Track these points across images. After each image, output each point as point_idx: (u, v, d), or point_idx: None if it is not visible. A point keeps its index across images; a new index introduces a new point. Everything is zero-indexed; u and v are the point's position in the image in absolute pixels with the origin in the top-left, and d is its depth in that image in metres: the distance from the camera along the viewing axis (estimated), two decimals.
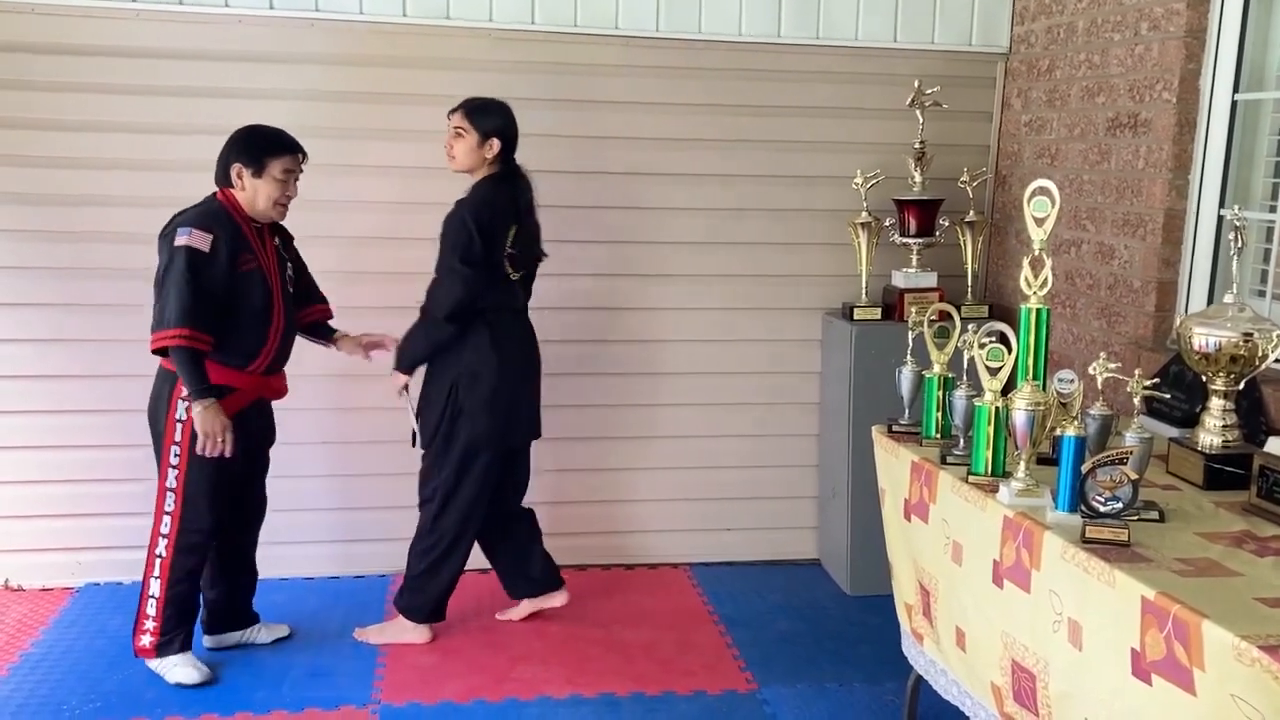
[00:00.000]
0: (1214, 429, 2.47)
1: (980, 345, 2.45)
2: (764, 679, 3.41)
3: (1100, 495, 2.08)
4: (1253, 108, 3.16)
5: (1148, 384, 2.42)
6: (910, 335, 2.90)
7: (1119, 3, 3.50)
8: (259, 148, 3.17)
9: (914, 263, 4.06)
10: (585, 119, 4.01)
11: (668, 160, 4.10)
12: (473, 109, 3.38)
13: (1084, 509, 2.10)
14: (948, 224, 4.10)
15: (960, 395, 2.58)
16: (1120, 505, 2.07)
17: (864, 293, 4.05)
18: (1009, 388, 2.39)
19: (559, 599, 3.75)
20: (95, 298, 3.80)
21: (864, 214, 4.00)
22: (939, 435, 2.77)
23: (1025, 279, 2.36)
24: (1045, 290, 2.36)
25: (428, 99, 3.79)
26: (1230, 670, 1.64)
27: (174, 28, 3.74)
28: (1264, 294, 3.09)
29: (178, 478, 3.16)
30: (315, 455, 4.01)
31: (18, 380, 3.83)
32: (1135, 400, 2.41)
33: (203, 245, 3.05)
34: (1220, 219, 3.19)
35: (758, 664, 3.51)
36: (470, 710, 3.19)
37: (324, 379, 3.85)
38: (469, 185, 3.41)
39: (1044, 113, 3.96)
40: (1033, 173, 3.89)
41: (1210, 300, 3.20)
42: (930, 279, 4.04)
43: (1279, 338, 2.38)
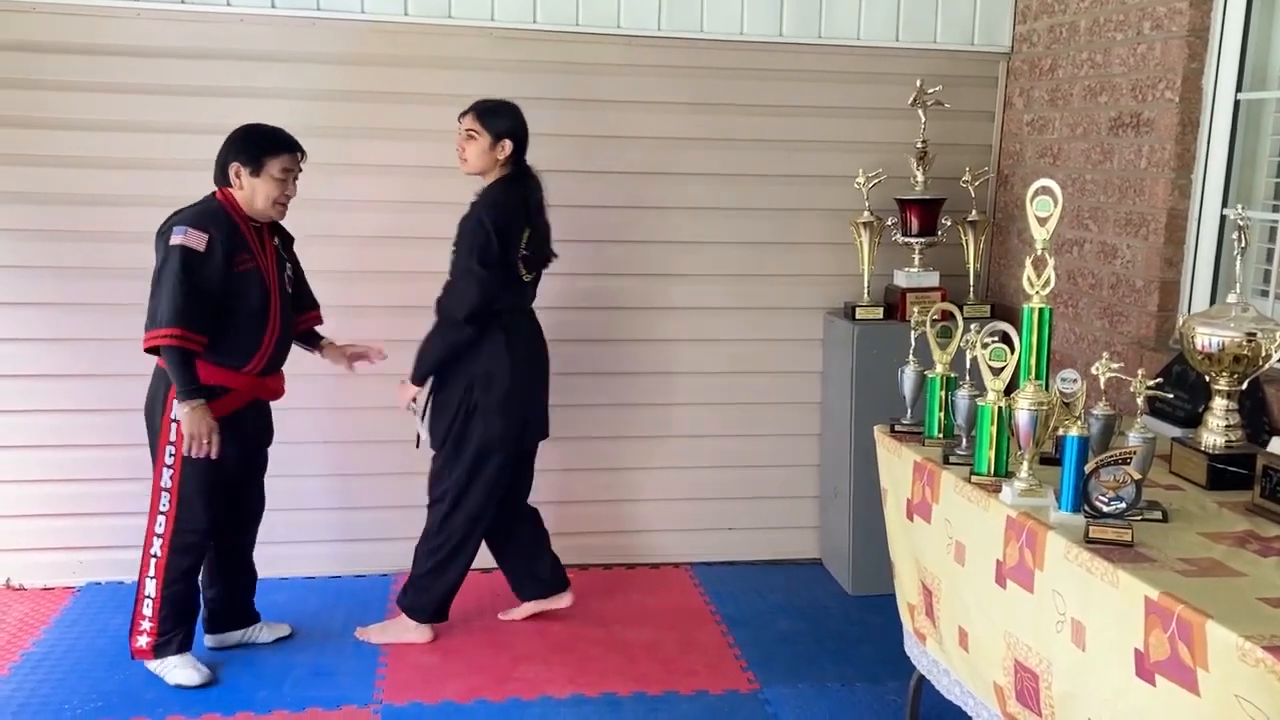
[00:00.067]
0: (1217, 429, 2.47)
1: (983, 345, 2.44)
2: (766, 679, 3.41)
3: (1104, 495, 2.08)
4: (1255, 107, 3.16)
5: (1151, 384, 2.42)
6: (913, 335, 2.90)
7: (1121, 2, 3.49)
8: (257, 147, 3.15)
9: (916, 262, 4.06)
10: (586, 118, 4.01)
11: (667, 159, 4.10)
12: (484, 111, 3.37)
13: (1087, 509, 2.10)
14: (950, 223, 4.09)
15: (963, 395, 2.58)
16: (1124, 505, 2.07)
17: (866, 292, 4.05)
18: (1011, 387, 2.39)
19: (564, 600, 3.76)
20: (97, 296, 3.80)
21: (866, 213, 4.00)
22: (941, 435, 2.77)
23: (1028, 279, 2.36)
24: (1048, 290, 2.36)
25: (429, 98, 3.80)
26: (1234, 671, 1.64)
27: (176, 27, 3.74)
28: (1266, 294, 3.09)
29: (172, 477, 3.15)
30: (317, 454, 4.01)
31: (19, 379, 3.83)
32: (1138, 400, 2.41)
33: (198, 245, 3.03)
34: (1223, 218, 3.19)
35: (759, 664, 3.51)
36: (472, 710, 3.19)
37: (326, 378, 3.84)
38: (474, 186, 3.41)
39: (1046, 112, 3.95)
40: (1035, 172, 3.88)
41: (1212, 300, 3.20)
42: (932, 278, 4.04)
43: None
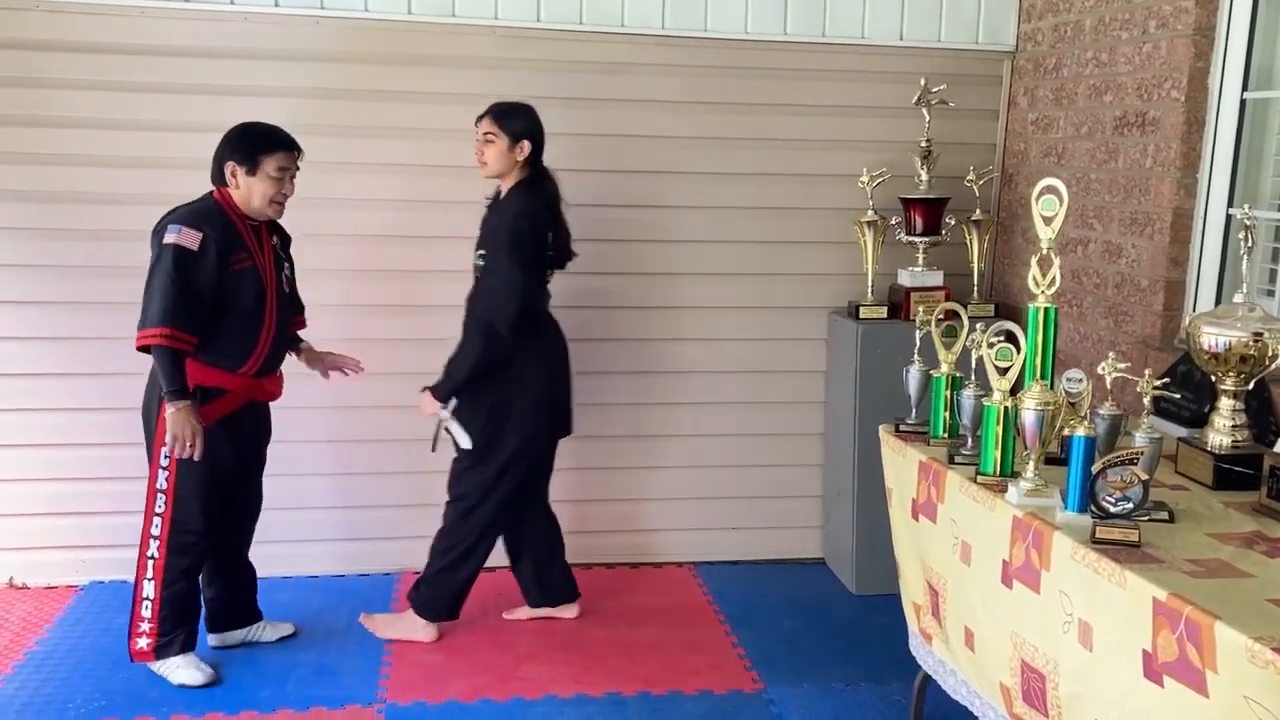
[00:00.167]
0: (1223, 429, 2.46)
1: (989, 345, 2.44)
2: (770, 678, 3.41)
3: (1110, 495, 2.07)
4: (1262, 106, 3.15)
5: (1157, 384, 2.41)
6: (917, 334, 2.89)
7: (1127, 1, 3.48)
8: (253, 145, 3.13)
9: (920, 261, 4.05)
10: (589, 117, 4.00)
11: (671, 158, 4.09)
12: (500, 113, 3.35)
13: (1094, 509, 2.09)
14: (954, 223, 4.09)
15: (968, 395, 2.57)
16: (1130, 506, 2.06)
17: (870, 291, 4.04)
18: (1016, 387, 2.38)
19: (571, 612, 3.77)
20: (100, 295, 3.79)
21: (870, 212, 3.99)
22: (946, 435, 2.77)
23: (1033, 278, 2.35)
24: (1053, 290, 2.35)
25: (433, 97, 3.79)
26: (1243, 672, 1.63)
27: (179, 25, 3.73)
28: (1273, 293, 3.08)
29: (168, 479, 3.13)
30: (320, 453, 4.00)
31: (22, 378, 3.83)
32: (1145, 400, 2.41)
33: (191, 244, 3.00)
34: (1229, 218, 3.18)
35: (763, 663, 3.50)
36: (476, 709, 3.18)
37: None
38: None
39: (1051, 111, 3.94)
40: (1039, 171, 3.87)
41: (1218, 300, 3.19)
42: (936, 278, 4.03)
43: None
